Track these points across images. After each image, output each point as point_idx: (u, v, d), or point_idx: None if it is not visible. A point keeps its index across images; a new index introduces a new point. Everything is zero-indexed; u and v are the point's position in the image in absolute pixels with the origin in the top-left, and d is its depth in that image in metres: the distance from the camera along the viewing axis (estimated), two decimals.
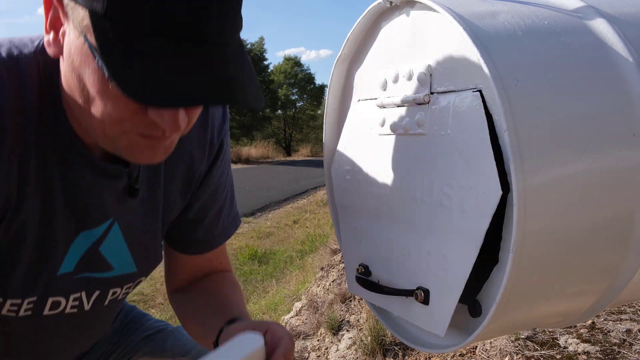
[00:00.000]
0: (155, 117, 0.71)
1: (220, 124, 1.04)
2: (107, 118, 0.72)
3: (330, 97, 1.08)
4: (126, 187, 0.92)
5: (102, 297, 1.02)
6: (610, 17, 0.82)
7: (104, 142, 0.77)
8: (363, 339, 2.93)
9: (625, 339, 2.31)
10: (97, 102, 0.71)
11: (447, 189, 0.79)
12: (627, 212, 0.76)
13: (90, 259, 0.94)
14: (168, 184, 1.00)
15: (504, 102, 0.68)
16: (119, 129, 0.73)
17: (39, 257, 0.88)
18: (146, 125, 0.73)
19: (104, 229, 0.93)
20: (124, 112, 0.71)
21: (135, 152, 0.77)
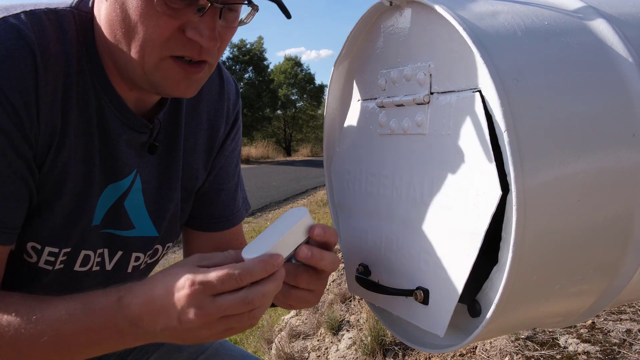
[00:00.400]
0: (193, 34, 0.79)
1: (235, 99, 1.14)
2: (147, 43, 0.80)
3: (330, 97, 1.08)
4: (146, 142, 0.97)
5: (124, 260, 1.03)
6: (610, 17, 0.82)
7: (142, 77, 0.84)
8: (363, 339, 2.93)
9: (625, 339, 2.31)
10: (139, 28, 0.79)
11: (447, 189, 0.79)
12: (627, 212, 0.76)
13: (115, 213, 0.97)
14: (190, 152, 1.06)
15: (503, 102, 0.68)
16: (157, 55, 0.81)
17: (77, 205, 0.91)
18: (184, 45, 0.81)
19: (129, 182, 0.97)
20: (165, 31, 0.79)
21: (171, 84, 0.85)
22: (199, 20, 0.80)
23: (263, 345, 3.48)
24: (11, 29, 0.79)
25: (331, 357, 3.12)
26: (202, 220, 1.16)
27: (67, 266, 0.96)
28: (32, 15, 0.82)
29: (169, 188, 1.04)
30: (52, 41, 0.82)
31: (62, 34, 0.84)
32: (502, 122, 0.68)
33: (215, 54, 0.86)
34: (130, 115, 0.92)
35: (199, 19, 0.80)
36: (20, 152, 0.81)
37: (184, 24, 0.80)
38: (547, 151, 0.70)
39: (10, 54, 0.78)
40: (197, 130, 1.06)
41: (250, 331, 3.90)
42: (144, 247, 1.05)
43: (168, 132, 1.02)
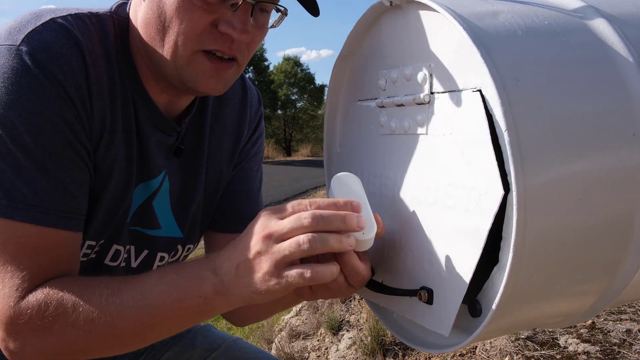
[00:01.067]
0: (226, 27, 0.84)
1: (257, 106, 1.19)
2: (181, 37, 0.84)
3: (330, 97, 1.08)
4: (173, 145, 1.02)
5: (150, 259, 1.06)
6: (610, 17, 0.82)
7: (174, 73, 0.88)
8: (363, 339, 2.93)
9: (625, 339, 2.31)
10: (175, 22, 0.84)
11: (448, 189, 0.79)
12: (628, 212, 0.76)
13: (143, 212, 1.01)
14: (213, 155, 1.10)
15: (504, 101, 0.68)
16: (190, 48, 0.85)
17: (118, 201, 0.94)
18: (216, 39, 0.85)
19: (158, 182, 1.01)
20: (199, 24, 0.83)
21: (201, 79, 0.88)
22: (232, 15, 0.84)
23: (263, 345, 3.49)
24: (61, 28, 0.83)
25: (331, 357, 3.12)
26: (226, 221, 1.18)
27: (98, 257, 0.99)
28: (78, 18, 0.87)
29: (192, 190, 1.08)
30: (96, 43, 0.87)
31: (104, 36, 0.89)
32: (503, 122, 0.68)
33: (245, 52, 0.90)
34: (160, 118, 0.96)
35: (232, 13, 0.84)
36: (83, 143, 0.84)
37: (217, 18, 0.84)
38: (547, 151, 0.70)
39: (63, 52, 0.81)
40: (221, 135, 1.11)
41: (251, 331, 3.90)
42: (168, 247, 1.08)
43: (193, 135, 1.06)
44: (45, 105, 0.79)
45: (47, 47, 0.80)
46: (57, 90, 0.80)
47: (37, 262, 0.81)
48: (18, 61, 0.78)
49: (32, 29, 0.81)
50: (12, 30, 0.81)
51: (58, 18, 0.84)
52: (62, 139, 0.81)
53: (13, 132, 0.78)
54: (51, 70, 0.79)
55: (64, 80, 0.80)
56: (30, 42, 0.79)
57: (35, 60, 0.79)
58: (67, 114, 0.81)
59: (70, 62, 0.81)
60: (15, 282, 0.79)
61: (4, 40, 0.80)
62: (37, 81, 0.79)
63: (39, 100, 0.79)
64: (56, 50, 0.81)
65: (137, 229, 1.01)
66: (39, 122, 0.79)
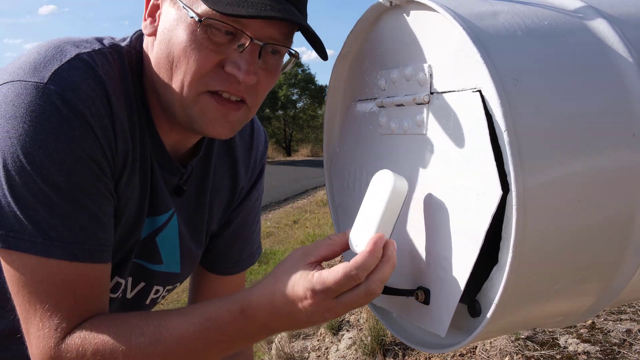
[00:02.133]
0: (232, 68, 0.83)
1: (263, 150, 1.18)
2: (187, 77, 0.84)
3: (330, 97, 1.08)
4: (176, 185, 1.01)
5: (145, 292, 1.07)
6: (610, 17, 0.82)
7: (181, 112, 0.87)
8: (363, 339, 2.93)
9: (625, 339, 2.31)
10: (182, 61, 0.83)
11: (447, 189, 0.79)
12: (627, 212, 0.76)
13: (146, 246, 1.01)
14: (213, 196, 1.10)
15: (503, 102, 0.68)
16: (196, 89, 0.84)
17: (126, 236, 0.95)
18: (222, 80, 0.84)
19: (164, 219, 1.01)
20: (205, 64, 0.83)
21: (207, 120, 0.87)
22: (239, 56, 0.83)
23: (263, 345, 3.48)
24: (86, 67, 0.83)
25: (331, 357, 3.12)
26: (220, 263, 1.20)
27: None
28: (101, 54, 0.87)
29: (199, 231, 1.09)
30: (117, 81, 0.87)
31: (124, 74, 0.90)
32: (502, 122, 0.68)
33: (255, 95, 0.89)
34: (166, 157, 0.96)
35: (239, 55, 0.83)
36: (109, 179, 0.85)
37: (224, 59, 0.84)
38: (547, 151, 0.70)
39: (90, 92, 0.82)
40: (223, 176, 1.11)
41: None
42: (165, 282, 1.09)
43: (199, 176, 1.06)
44: (75, 144, 0.79)
45: (75, 86, 0.80)
46: (85, 129, 0.80)
47: (73, 299, 0.81)
48: (46, 100, 0.78)
49: (58, 66, 0.81)
50: (38, 66, 0.81)
51: (83, 54, 0.84)
52: (92, 175, 0.82)
53: (43, 171, 0.78)
54: (80, 110, 0.80)
55: (92, 120, 0.81)
56: (58, 81, 0.80)
57: (64, 100, 0.79)
58: (96, 152, 0.82)
59: (97, 102, 0.82)
60: (54, 322, 0.80)
61: (30, 76, 0.80)
62: (67, 121, 0.79)
63: (69, 139, 0.79)
64: (83, 90, 0.81)
65: (139, 261, 1.02)
66: (69, 161, 0.79)
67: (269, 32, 0.84)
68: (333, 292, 0.74)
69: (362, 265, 0.73)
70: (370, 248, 0.74)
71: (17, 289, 0.81)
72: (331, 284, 0.73)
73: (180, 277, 1.11)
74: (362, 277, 0.73)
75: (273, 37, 0.85)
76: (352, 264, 0.73)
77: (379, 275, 0.74)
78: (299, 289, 0.75)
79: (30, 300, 0.80)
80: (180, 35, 0.83)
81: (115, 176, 0.88)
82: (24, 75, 0.80)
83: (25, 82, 0.79)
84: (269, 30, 0.84)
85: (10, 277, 0.81)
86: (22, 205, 0.78)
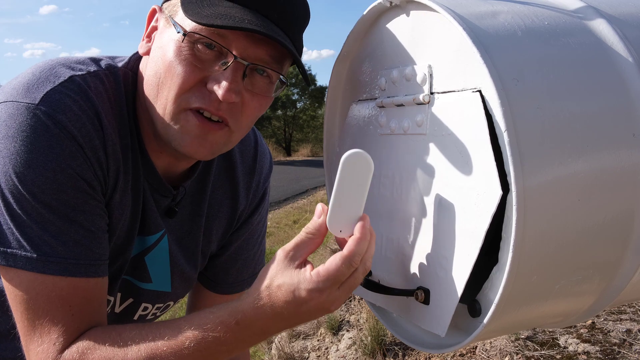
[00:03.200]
0: (212, 84, 0.82)
1: (267, 172, 1.17)
2: (171, 93, 0.84)
3: (330, 97, 1.08)
4: (168, 207, 1.01)
5: (133, 308, 1.07)
6: (610, 17, 0.82)
7: (164, 130, 0.87)
8: (363, 339, 2.93)
9: (625, 339, 2.31)
10: (167, 78, 0.84)
11: (447, 189, 0.79)
12: (627, 212, 0.76)
13: (134, 264, 1.01)
14: (212, 219, 1.10)
15: (503, 102, 0.68)
16: (178, 105, 0.84)
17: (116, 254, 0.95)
18: (203, 97, 0.83)
19: (155, 239, 1.01)
20: (188, 80, 0.83)
21: (186, 139, 0.86)
22: (221, 73, 0.83)
23: (263, 345, 3.48)
24: (79, 89, 0.84)
25: (331, 357, 3.12)
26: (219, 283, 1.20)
27: None
28: (96, 77, 0.88)
29: (192, 252, 1.09)
30: (110, 104, 0.88)
31: (118, 96, 0.90)
32: (502, 122, 0.68)
33: (239, 117, 0.87)
34: (156, 178, 0.96)
35: (222, 72, 0.83)
36: (100, 197, 0.86)
37: (207, 76, 0.83)
38: (547, 151, 0.70)
39: (81, 115, 0.82)
40: (222, 199, 1.10)
41: None
42: (154, 300, 1.09)
43: (194, 198, 1.06)
44: (65, 163, 0.80)
45: (66, 108, 0.81)
46: (76, 149, 0.81)
47: (70, 313, 0.82)
48: (37, 121, 0.79)
49: (50, 88, 0.82)
50: (30, 88, 0.82)
51: (76, 77, 0.85)
52: (83, 193, 0.83)
53: (34, 189, 0.79)
54: (70, 131, 0.81)
55: (82, 140, 0.82)
56: (50, 103, 0.81)
57: (54, 121, 0.80)
58: (86, 171, 0.82)
59: (87, 124, 0.83)
60: (52, 337, 0.80)
61: (22, 97, 0.81)
62: (57, 141, 0.80)
63: (59, 158, 0.80)
64: (74, 112, 0.82)
65: (128, 278, 1.02)
66: (59, 178, 0.80)
67: (255, 53, 0.84)
68: (337, 284, 0.76)
69: (358, 251, 0.76)
70: (360, 234, 0.76)
71: (15, 306, 0.82)
72: (330, 282, 0.76)
73: (172, 296, 1.11)
74: (358, 262, 0.76)
75: (259, 58, 0.84)
76: (348, 252, 0.75)
77: (370, 253, 0.78)
78: (301, 292, 0.76)
79: (29, 317, 0.81)
80: (167, 52, 0.84)
81: (107, 196, 0.88)
82: (17, 96, 0.81)
83: (18, 102, 0.80)
84: (256, 50, 0.83)
85: (9, 295, 0.82)
86: (17, 223, 0.79)
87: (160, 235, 1.02)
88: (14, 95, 0.81)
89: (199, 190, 1.06)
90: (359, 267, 0.77)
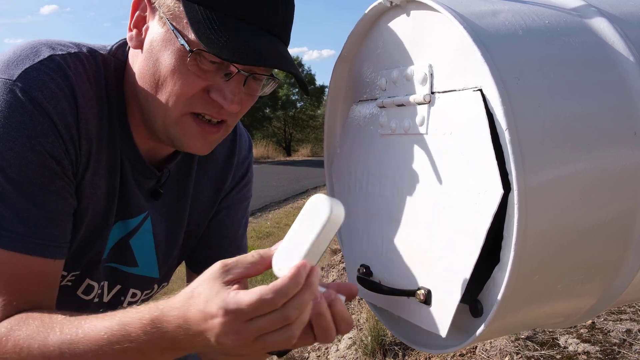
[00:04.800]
0: (217, 96, 0.84)
1: (245, 153, 1.19)
2: (172, 98, 0.85)
3: (330, 97, 1.08)
4: (152, 188, 1.02)
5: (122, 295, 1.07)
6: (610, 16, 0.82)
7: (162, 129, 0.89)
8: (363, 339, 2.93)
9: (625, 339, 2.31)
10: (168, 82, 0.85)
11: (448, 189, 0.79)
12: (628, 211, 0.76)
13: (120, 249, 1.01)
14: (196, 199, 1.10)
15: (504, 101, 0.68)
16: (180, 110, 0.86)
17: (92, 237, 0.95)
18: (206, 104, 0.86)
19: (137, 222, 1.01)
20: (191, 89, 0.84)
21: (187, 140, 0.89)
22: (225, 85, 0.85)
23: None
24: (57, 68, 0.85)
25: (331, 357, 3.12)
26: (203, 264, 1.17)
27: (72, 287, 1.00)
28: (76, 57, 0.89)
29: (176, 234, 1.09)
30: (89, 84, 0.89)
31: (98, 78, 0.91)
32: (503, 121, 0.68)
33: (235, 117, 0.91)
34: (139, 161, 0.97)
35: (225, 83, 0.85)
36: (69, 177, 0.86)
37: (210, 85, 0.85)
38: (548, 150, 0.70)
39: (57, 92, 0.83)
40: (204, 180, 1.11)
41: None
42: (142, 286, 1.09)
43: (179, 180, 1.07)
44: (36, 140, 0.81)
45: (42, 85, 0.82)
46: (49, 126, 0.82)
47: (15, 289, 0.82)
48: (12, 96, 0.81)
49: (29, 66, 0.83)
50: (10, 64, 0.83)
51: (56, 56, 0.86)
52: (50, 171, 0.83)
53: (2, 163, 0.80)
54: (45, 108, 0.82)
55: (56, 118, 0.83)
56: (26, 79, 0.82)
57: (29, 97, 0.81)
58: (57, 149, 0.83)
59: (62, 102, 0.84)
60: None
61: (1, 73, 0.82)
62: (30, 116, 0.81)
63: (31, 134, 0.81)
64: (51, 89, 0.83)
65: (112, 265, 1.03)
66: (28, 155, 0.81)
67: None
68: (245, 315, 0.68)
69: (280, 290, 0.67)
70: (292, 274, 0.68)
71: None
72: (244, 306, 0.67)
73: (161, 280, 1.11)
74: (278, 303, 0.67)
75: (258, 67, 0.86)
76: (270, 287, 0.67)
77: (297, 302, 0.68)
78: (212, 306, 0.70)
79: None
80: (168, 58, 0.84)
81: (78, 175, 0.89)
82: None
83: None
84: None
85: None
86: None
87: (144, 218, 1.02)
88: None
89: (184, 172, 1.08)
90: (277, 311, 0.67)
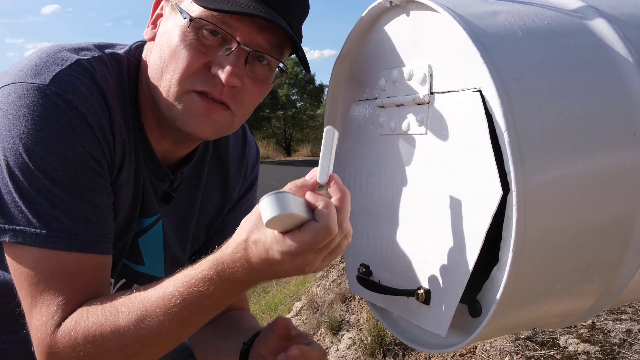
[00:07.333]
0: (216, 69, 0.86)
1: (253, 163, 1.21)
2: (176, 75, 0.87)
3: (330, 97, 1.08)
4: (165, 192, 1.04)
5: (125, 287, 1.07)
6: (610, 17, 0.82)
7: (167, 111, 0.90)
8: (363, 339, 2.93)
9: (625, 339, 2.31)
10: (172, 62, 0.87)
11: (447, 189, 0.79)
12: (627, 212, 0.76)
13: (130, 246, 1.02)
14: (204, 206, 1.12)
15: (503, 102, 0.68)
16: (182, 87, 0.87)
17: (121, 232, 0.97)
18: (207, 80, 0.87)
19: (148, 222, 1.03)
20: (193, 64, 0.86)
21: (190, 117, 0.89)
22: (225, 58, 0.86)
23: None
24: (86, 72, 0.87)
25: (331, 357, 3.12)
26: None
27: None
28: (100, 61, 0.91)
29: (184, 237, 1.11)
30: (115, 87, 0.91)
31: (121, 81, 0.93)
32: (502, 122, 0.68)
33: (239, 101, 0.91)
34: (156, 164, 0.99)
35: (225, 57, 0.86)
36: (106, 178, 0.89)
37: (210, 61, 0.86)
38: (547, 151, 0.70)
39: (89, 95, 0.86)
40: (214, 188, 1.13)
41: None
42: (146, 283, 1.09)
43: (190, 185, 1.08)
44: (75, 141, 0.83)
45: (75, 89, 0.84)
46: (86, 128, 0.84)
47: (72, 288, 0.83)
48: (48, 100, 0.82)
49: (59, 70, 0.85)
50: (39, 69, 0.84)
51: (83, 60, 0.88)
52: (92, 171, 0.85)
53: (45, 166, 0.81)
54: (80, 110, 0.83)
55: (92, 120, 0.85)
56: (59, 84, 0.83)
57: (65, 100, 0.83)
58: (95, 150, 0.85)
59: (95, 105, 0.86)
60: (51, 310, 0.82)
61: (31, 78, 0.83)
62: (68, 119, 0.82)
63: (70, 136, 0.82)
64: (83, 93, 0.85)
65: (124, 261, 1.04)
66: (70, 156, 0.82)
67: (257, 40, 0.87)
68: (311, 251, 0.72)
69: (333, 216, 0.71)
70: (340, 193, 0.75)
71: (20, 284, 0.83)
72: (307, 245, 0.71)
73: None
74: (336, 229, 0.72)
75: (261, 46, 0.88)
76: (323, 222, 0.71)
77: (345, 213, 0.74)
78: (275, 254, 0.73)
79: (31, 293, 0.82)
80: (173, 37, 0.87)
81: (113, 176, 0.90)
82: (26, 78, 0.83)
83: (27, 83, 0.82)
84: (258, 37, 0.87)
85: (14, 274, 0.83)
86: (26, 200, 0.81)
87: (155, 220, 1.04)
88: (22, 77, 0.83)
89: (195, 178, 1.09)
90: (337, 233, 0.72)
